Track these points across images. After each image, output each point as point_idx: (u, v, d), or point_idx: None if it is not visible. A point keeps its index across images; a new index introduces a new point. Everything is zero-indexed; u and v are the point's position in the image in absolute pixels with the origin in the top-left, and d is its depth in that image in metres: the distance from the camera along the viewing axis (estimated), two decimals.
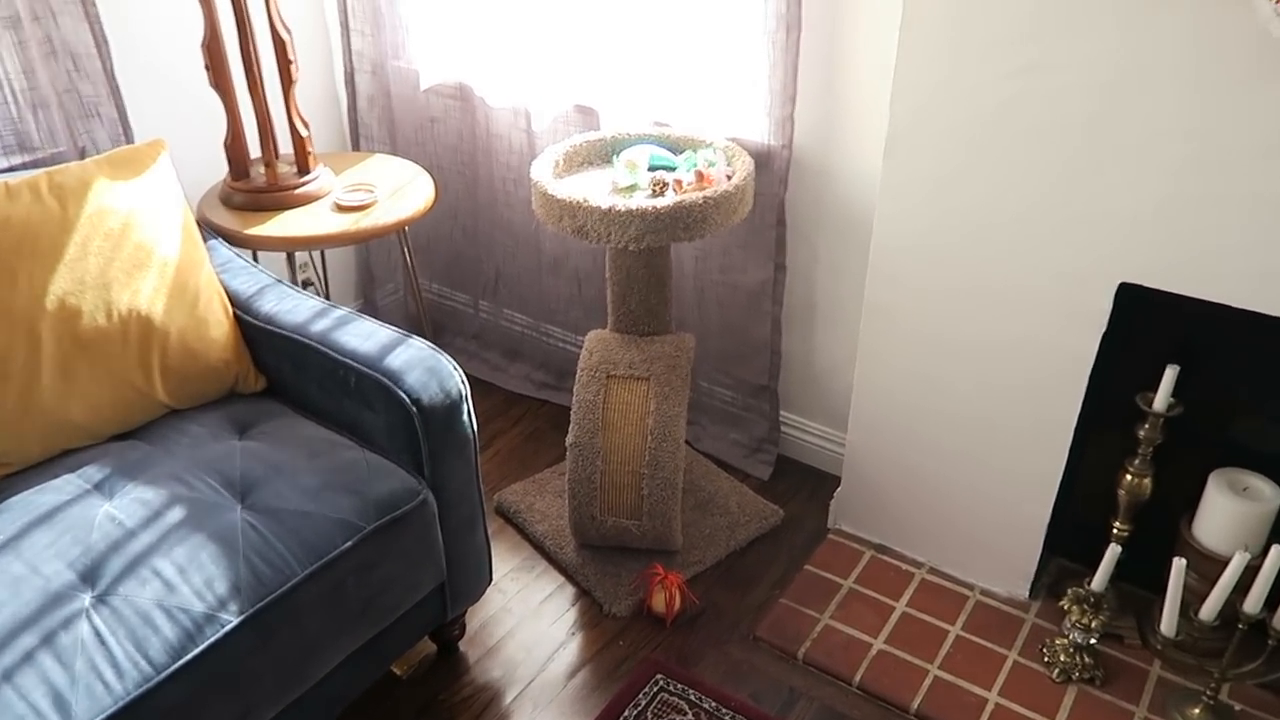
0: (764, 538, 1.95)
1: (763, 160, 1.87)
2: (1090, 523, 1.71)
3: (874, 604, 1.78)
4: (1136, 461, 1.61)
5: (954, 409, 1.72)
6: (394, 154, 2.34)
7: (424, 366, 1.44)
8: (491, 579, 1.66)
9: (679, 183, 1.72)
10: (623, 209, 1.62)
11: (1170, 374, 1.52)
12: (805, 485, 2.08)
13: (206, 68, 1.83)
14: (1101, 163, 1.41)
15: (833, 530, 1.97)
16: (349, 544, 1.31)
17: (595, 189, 1.75)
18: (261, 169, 1.98)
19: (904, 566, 1.87)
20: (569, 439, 1.78)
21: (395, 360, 1.45)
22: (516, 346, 2.47)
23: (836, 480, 1.97)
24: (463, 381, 1.47)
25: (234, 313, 1.59)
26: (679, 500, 1.80)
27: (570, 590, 1.84)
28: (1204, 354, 1.53)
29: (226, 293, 1.62)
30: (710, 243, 2.02)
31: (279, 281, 1.68)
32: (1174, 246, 1.40)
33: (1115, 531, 1.66)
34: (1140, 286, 1.46)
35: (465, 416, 1.46)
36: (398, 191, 2.00)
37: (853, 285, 1.89)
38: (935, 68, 1.49)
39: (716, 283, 2.06)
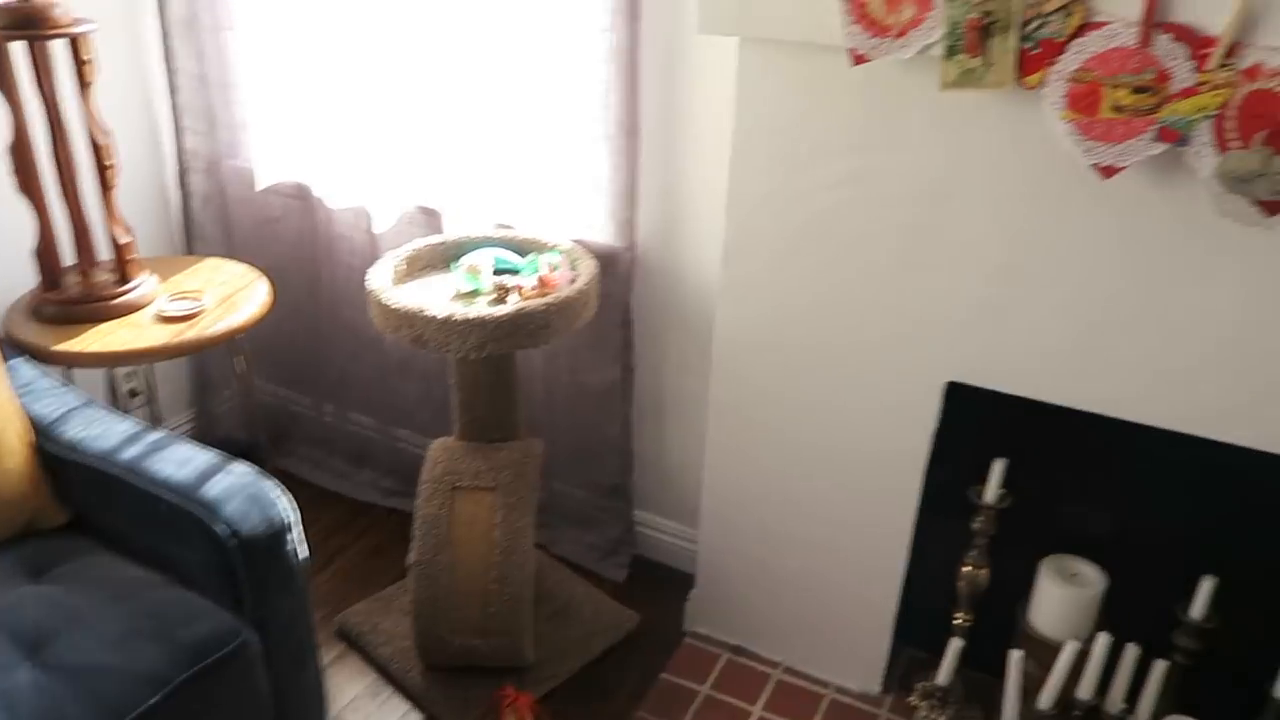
0: (620, 645, 1.91)
1: (608, 262, 1.87)
2: (938, 612, 1.74)
3: (731, 711, 1.76)
4: (973, 553, 1.65)
5: (801, 504, 1.73)
6: (231, 255, 2.24)
7: (245, 494, 1.35)
8: (327, 716, 1.55)
9: (520, 288, 1.70)
10: (461, 318, 1.59)
11: (999, 467, 1.58)
12: (662, 586, 2.05)
13: (13, 172, 1.71)
14: (925, 267, 1.46)
15: (689, 633, 1.94)
16: (156, 699, 1.19)
17: (437, 295, 1.71)
18: (76, 278, 1.86)
19: (760, 668, 1.85)
20: (411, 557, 1.71)
21: (213, 488, 1.35)
22: (363, 451, 2.37)
23: (693, 580, 1.95)
24: (290, 507, 1.39)
25: (33, 440, 1.47)
26: (530, 614, 1.74)
27: (417, 717, 1.74)
28: (1029, 446, 1.59)
29: (28, 418, 1.49)
30: (559, 343, 2.00)
31: (90, 403, 1.56)
32: (994, 347, 1.46)
33: (958, 622, 1.68)
34: (966, 385, 1.51)
35: (291, 546, 1.37)
36: (229, 299, 1.91)
37: (701, 383, 1.89)
38: (766, 177, 1.53)
39: (566, 383, 2.04)
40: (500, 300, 1.70)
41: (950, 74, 1.28)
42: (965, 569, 1.66)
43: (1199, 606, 1.46)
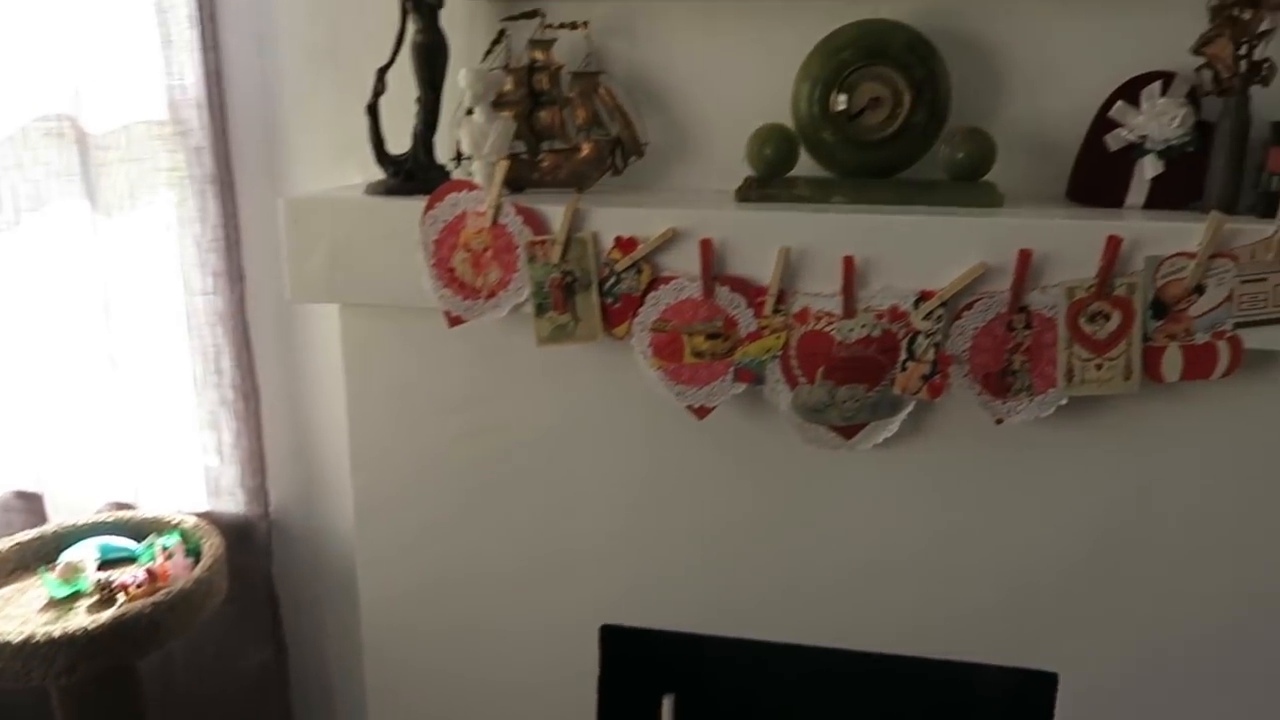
0: None
1: (242, 534, 1.70)
2: None
3: None
4: None
5: None
6: None
7: None
8: None
9: (125, 586, 1.48)
10: (44, 636, 1.35)
11: (667, 704, 1.52)
12: None
13: None
14: (560, 513, 1.43)
15: None
16: None
17: (23, 608, 1.45)
18: None
19: None
20: None
21: None
22: None
23: None
24: None
25: None
26: None
27: None
28: (694, 680, 1.55)
29: None
30: (200, 628, 1.76)
31: None
32: (638, 586, 1.43)
33: None
34: (620, 626, 1.47)
35: None
36: None
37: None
38: (389, 436, 1.45)
39: (213, 670, 1.79)
40: (107, 601, 1.48)
41: (544, 330, 1.29)
42: None
43: None
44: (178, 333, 1.64)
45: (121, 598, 1.48)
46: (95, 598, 1.50)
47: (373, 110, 1.35)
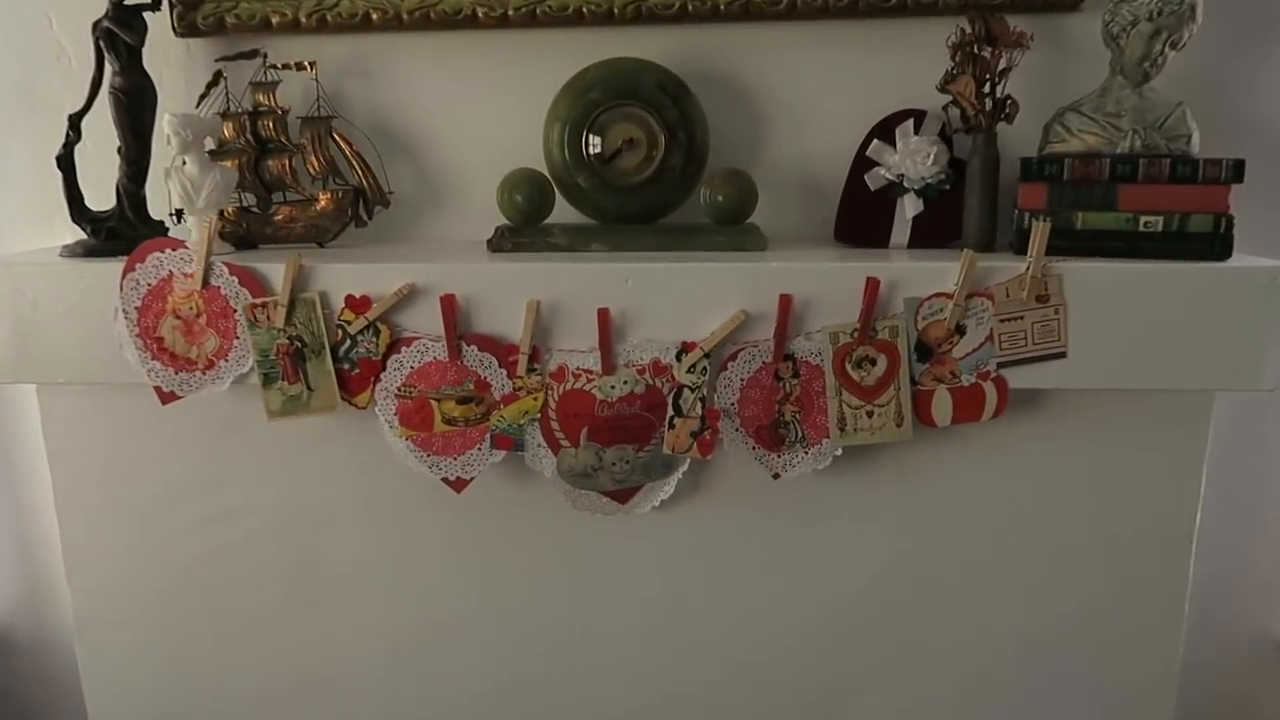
0: None
1: None
2: None
3: None
4: None
5: None
6: None
7: None
8: None
9: None
10: None
11: None
12: None
13: None
14: (322, 604, 1.26)
15: None
16: None
17: None
18: None
19: None
20: None
21: None
22: None
23: None
24: None
25: None
26: None
27: None
28: None
29: None
30: None
31: None
32: (405, 692, 1.28)
33: None
34: None
35: None
36: None
37: None
38: (109, 533, 1.25)
39: None
40: None
41: (274, 403, 1.13)
42: None
43: None
44: None
45: None
46: None
47: (65, 161, 1.18)
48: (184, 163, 1.16)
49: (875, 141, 1.20)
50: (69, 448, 1.23)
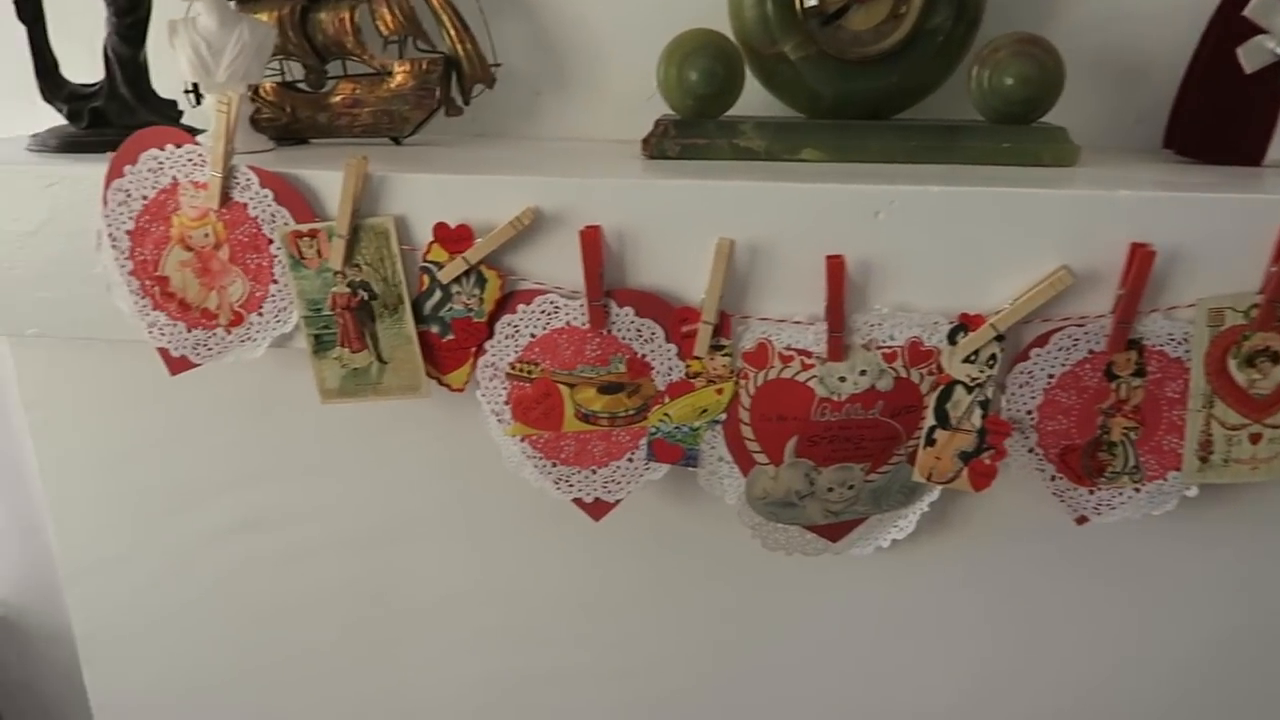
0: None
1: None
2: None
3: None
4: None
5: None
6: None
7: None
8: None
9: None
10: None
11: None
12: None
13: None
14: (388, 643, 0.93)
15: None
16: None
17: None
18: None
19: None
20: None
21: None
22: None
23: None
24: None
25: None
26: None
27: None
28: None
29: None
30: None
31: None
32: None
33: None
34: None
35: None
36: None
37: None
38: (115, 532, 0.92)
39: None
40: None
41: (330, 378, 0.77)
42: None
43: None
44: None
45: None
46: None
47: (28, 8, 0.80)
48: (197, 13, 0.77)
49: None
50: (51, 420, 0.89)
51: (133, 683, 0.99)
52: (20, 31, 0.82)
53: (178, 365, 0.78)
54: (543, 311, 0.73)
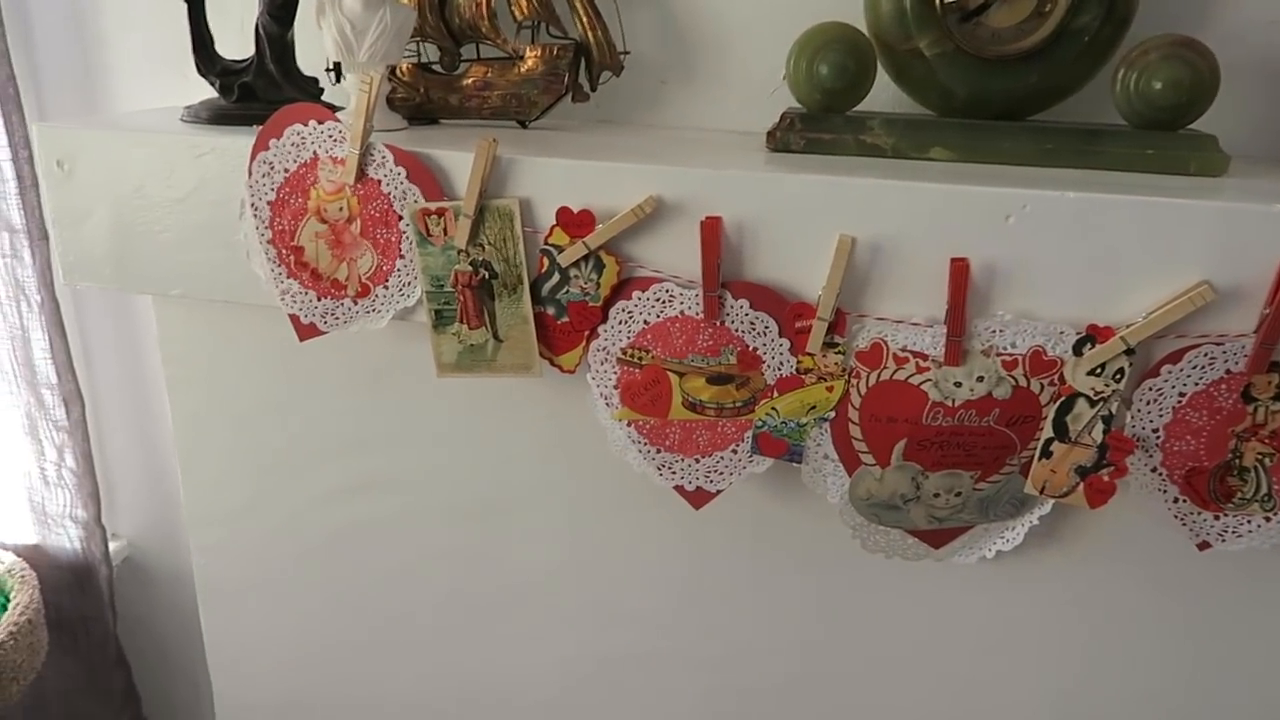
0: None
1: (80, 578, 1.25)
2: None
3: None
4: None
5: None
6: None
7: None
8: None
9: None
10: None
11: None
12: None
13: None
14: (490, 612, 0.95)
15: None
16: None
17: None
18: None
19: None
20: None
21: None
22: None
23: None
24: None
25: None
26: None
27: None
28: None
29: None
30: (33, 698, 1.33)
31: None
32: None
33: None
34: None
35: None
36: None
37: None
38: (232, 484, 0.98)
39: None
40: None
41: (448, 353, 0.79)
42: None
43: None
44: None
45: None
46: None
47: None
48: None
49: None
50: (186, 376, 0.94)
51: (245, 627, 1.04)
52: (180, 9, 0.87)
53: (306, 332, 0.82)
54: (658, 299, 0.73)
